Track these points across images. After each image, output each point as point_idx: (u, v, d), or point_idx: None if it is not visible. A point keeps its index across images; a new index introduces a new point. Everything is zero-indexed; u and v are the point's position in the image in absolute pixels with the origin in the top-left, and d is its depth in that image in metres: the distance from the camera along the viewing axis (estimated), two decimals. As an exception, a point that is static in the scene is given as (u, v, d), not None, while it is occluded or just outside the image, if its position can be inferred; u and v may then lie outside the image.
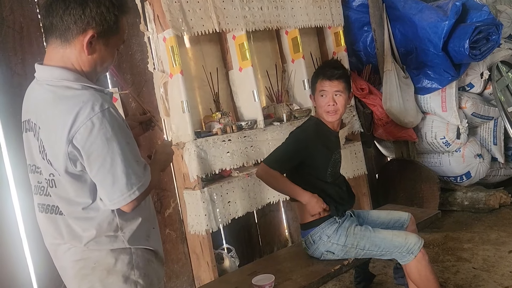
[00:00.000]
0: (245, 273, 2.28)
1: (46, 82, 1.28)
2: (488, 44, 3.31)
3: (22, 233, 2.31)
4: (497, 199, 3.72)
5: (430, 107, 3.73)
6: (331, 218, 2.26)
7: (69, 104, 1.21)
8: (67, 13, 1.22)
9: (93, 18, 1.23)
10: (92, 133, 1.19)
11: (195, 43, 2.94)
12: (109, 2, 1.26)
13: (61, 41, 1.26)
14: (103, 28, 1.26)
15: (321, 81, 2.28)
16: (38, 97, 1.30)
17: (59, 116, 1.21)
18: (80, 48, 1.26)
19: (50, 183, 1.32)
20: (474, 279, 2.65)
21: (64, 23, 1.23)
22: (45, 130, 1.26)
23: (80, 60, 1.28)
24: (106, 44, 1.30)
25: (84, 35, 1.24)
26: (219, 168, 2.64)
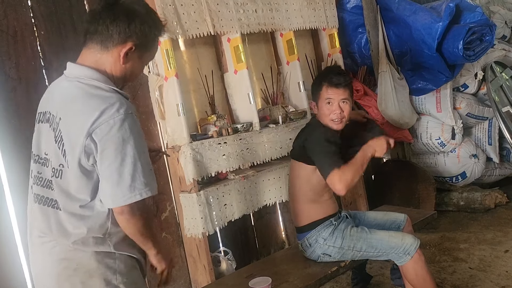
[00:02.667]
0: (242, 276, 2.28)
1: (77, 79, 1.36)
2: (482, 45, 3.33)
3: (17, 238, 2.29)
4: (492, 199, 3.74)
5: (425, 108, 3.74)
6: (327, 221, 2.26)
7: (97, 101, 1.29)
8: (114, 24, 1.34)
9: (135, 32, 1.36)
10: (111, 130, 1.27)
11: (190, 46, 2.94)
12: (152, 22, 1.41)
13: (100, 47, 1.37)
14: (141, 43, 1.39)
15: (326, 88, 2.20)
16: (65, 91, 1.38)
17: (84, 111, 1.29)
18: (117, 57, 1.37)
19: (56, 173, 1.36)
20: (471, 279, 2.66)
21: (109, 32, 1.34)
22: (67, 122, 1.32)
23: (113, 67, 1.39)
24: (139, 58, 1.43)
25: (124, 46, 1.36)
26: (215, 170, 2.63)
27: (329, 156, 2.08)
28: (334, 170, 2.01)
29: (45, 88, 2.38)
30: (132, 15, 1.36)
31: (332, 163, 2.04)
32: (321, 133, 2.16)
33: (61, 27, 2.49)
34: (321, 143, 2.12)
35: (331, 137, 2.14)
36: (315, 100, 2.29)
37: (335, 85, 2.18)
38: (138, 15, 1.37)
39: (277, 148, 2.90)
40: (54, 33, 2.47)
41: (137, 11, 1.38)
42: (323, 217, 2.26)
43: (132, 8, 1.37)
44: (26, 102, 2.36)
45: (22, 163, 2.31)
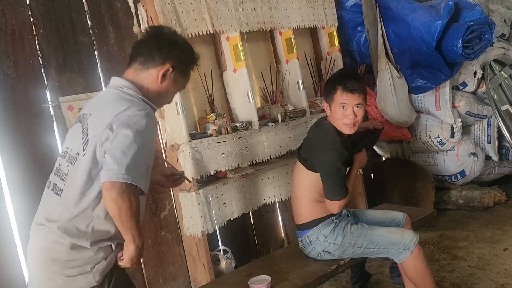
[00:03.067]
0: (242, 275, 2.28)
1: (115, 87, 1.58)
2: (481, 43, 3.33)
3: (16, 238, 2.29)
4: (491, 197, 3.74)
5: (424, 107, 3.74)
6: (328, 218, 2.26)
7: (124, 102, 1.50)
8: (157, 48, 1.57)
9: (174, 57, 1.59)
10: (129, 121, 1.44)
11: (189, 44, 2.93)
12: (189, 52, 1.66)
13: (142, 67, 1.59)
14: (178, 67, 1.61)
15: (341, 92, 2.18)
16: (101, 95, 1.63)
17: (111, 108, 1.48)
18: (155, 76, 1.59)
19: (72, 160, 1.54)
20: (470, 277, 2.66)
21: (151, 54, 1.57)
22: (95, 116, 1.51)
23: (150, 85, 1.60)
24: (175, 81, 1.64)
25: (163, 67, 1.58)
26: (214, 169, 2.63)
27: (337, 184, 2.15)
28: (342, 199, 2.16)
29: (43, 87, 2.41)
30: (174, 43, 1.60)
31: (338, 192, 2.15)
32: (334, 153, 2.13)
33: (59, 25, 2.49)
34: (332, 167, 2.14)
35: (343, 156, 2.13)
36: (328, 102, 2.27)
37: (351, 90, 2.17)
38: (178, 44, 1.62)
39: (276, 147, 2.90)
40: (52, 31, 2.46)
41: (178, 41, 1.64)
42: (324, 215, 2.26)
43: (174, 38, 1.63)
44: (25, 101, 2.36)
45: (20, 162, 2.32)
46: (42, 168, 2.39)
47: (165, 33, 1.63)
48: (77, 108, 2.50)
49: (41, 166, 2.38)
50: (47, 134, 2.43)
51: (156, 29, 1.68)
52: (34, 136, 2.38)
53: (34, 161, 2.36)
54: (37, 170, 2.37)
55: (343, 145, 2.15)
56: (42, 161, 2.39)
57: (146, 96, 1.59)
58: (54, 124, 2.46)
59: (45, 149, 2.41)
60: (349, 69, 2.42)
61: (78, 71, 2.55)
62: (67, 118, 2.47)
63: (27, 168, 2.34)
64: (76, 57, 2.54)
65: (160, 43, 1.58)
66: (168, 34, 1.64)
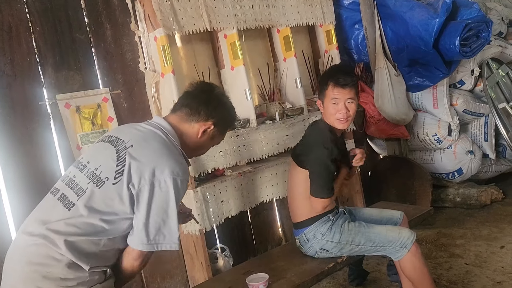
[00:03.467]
0: (239, 272, 2.28)
1: (161, 128, 1.60)
2: (478, 41, 3.33)
3: (13, 235, 2.28)
4: (488, 195, 3.75)
5: (421, 105, 3.75)
6: (324, 216, 2.26)
7: (172, 156, 1.50)
8: (205, 104, 1.63)
9: (218, 116, 1.65)
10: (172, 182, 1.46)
11: (186, 42, 2.93)
12: (232, 114, 1.74)
13: (186, 118, 1.64)
14: (219, 126, 1.67)
15: (333, 88, 2.19)
16: (146, 130, 1.59)
17: (157, 154, 1.49)
18: (196, 130, 1.64)
19: (98, 182, 1.48)
20: (467, 275, 2.67)
21: (198, 108, 1.63)
22: (138, 152, 1.49)
23: (189, 138, 1.65)
24: (212, 138, 1.70)
25: (205, 123, 1.64)
26: (212, 167, 2.63)
27: (324, 181, 2.16)
28: (323, 198, 2.15)
29: (40, 84, 2.41)
30: (221, 102, 1.67)
31: (324, 191, 2.15)
32: (324, 150, 2.14)
33: (56, 23, 2.48)
34: (321, 164, 2.15)
35: (333, 153, 2.14)
36: (321, 98, 2.28)
37: (342, 85, 2.17)
38: (224, 104, 1.69)
39: (274, 145, 2.90)
40: (49, 29, 2.45)
41: (225, 102, 1.71)
42: (321, 213, 2.26)
43: (222, 98, 1.70)
44: (22, 98, 2.35)
45: (17, 159, 2.31)
46: (40, 166, 2.39)
47: (216, 92, 1.70)
48: (74, 106, 2.50)
49: (38, 164, 2.38)
50: (44, 132, 2.42)
51: (207, 86, 1.74)
52: (31, 134, 2.37)
53: (31, 159, 2.36)
54: (34, 168, 2.36)
55: (334, 143, 2.16)
56: (39, 159, 2.39)
57: (183, 146, 1.63)
58: (51, 122, 2.46)
59: (42, 146, 2.40)
60: (340, 64, 2.40)
61: (75, 69, 2.54)
62: (64, 116, 2.47)
63: (24, 166, 2.33)
64: (73, 54, 2.53)
65: (209, 100, 1.64)
66: (218, 94, 1.70)
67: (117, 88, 2.68)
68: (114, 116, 2.64)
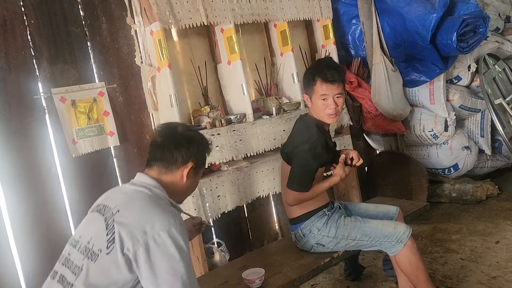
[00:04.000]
0: (235, 267, 2.28)
1: (144, 185, 1.55)
2: (475, 37, 3.33)
3: (8, 232, 2.28)
4: (484, 191, 3.77)
5: (418, 100, 3.75)
6: (320, 211, 2.27)
7: (159, 209, 1.46)
8: (177, 150, 1.58)
9: (194, 153, 1.61)
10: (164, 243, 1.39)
11: (183, 36, 2.91)
12: (204, 142, 1.68)
13: (165, 170, 1.59)
14: (198, 161, 1.64)
15: (321, 84, 2.16)
16: (130, 191, 1.54)
17: (145, 213, 1.43)
18: (180, 176, 1.60)
19: (92, 256, 1.42)
20: (462, 270, 2.68)
21: (174, 157, 1.58)
22: (126, 215, 1.44)
23: (177, 184, 1.61)
24: (197, 174, 1.68)
25: (186, 166, 1.59)
26: (209, 162, 2.62)
27: (301, 175, 2.15)
28: (298, 192, 2.15)
29: (35, 78, 2.39)
30: (190, 140, 1.62)
31: (299, 184, 2.15)
32: (307, 146, 2.14)
33: (51, 16, 2.46)
34: (302, 158, 2.15)
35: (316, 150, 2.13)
36: (309, 94, 2.26)
37: (330, 81, 2.16)
38: (194, 139, 1.64)
39: (270, 140, 2.90)
40: (44, 22, 2.43)
41: (193, 136, 1.66)
42: (315, 208, 2.26)
43: (189, 134, 1.65)
44: (17, 92, 2.33)
45: (12, 154, 2.30)
46: (34, 160, 2.38)
47: (180, 132, 1.64)
48: (70, 100, 2.48)
49: (33, 159, 2.37)
50: (39, 126, 2.41)
51: (169, 129, 1.66)
52: (27, 128, 2.36)
53: (26, 153, 2.34)
54: (30, 162, 2.35)
55: (320, 142, 2.14)
56: (35, 153, 2.38)
57: (172, 194, 1.59)
58: (46, 116, 2.44)
59: (37, 141, 2.39)
60: (327, 59, 2.36)
61: (70, 63, 2.52)
62: (60, 110, 2.45)
63: (18, 160, 2.32)
64: (69, 48, 2.51)
65: (179, 144, 1.59)
66: (183, 132, 1.64)
67: (113, 82, 2.66)
68: (110, 110, 2.63)
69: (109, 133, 2.63)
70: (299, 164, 2.16)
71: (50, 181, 2.43)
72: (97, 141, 2.58)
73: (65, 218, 2.47)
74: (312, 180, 2.17)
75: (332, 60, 2.34)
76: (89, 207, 2.50)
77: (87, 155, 2.53)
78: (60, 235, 2.43)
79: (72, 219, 2.49)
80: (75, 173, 2.51)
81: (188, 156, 1.60)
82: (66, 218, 2.48)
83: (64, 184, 2.48)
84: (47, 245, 2.37)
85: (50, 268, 1.56)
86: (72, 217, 2.49)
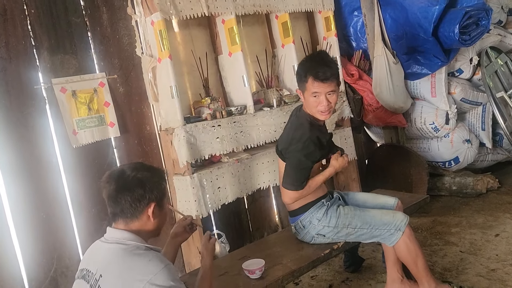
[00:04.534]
0: (236, 258, 2.29)
1: (116, 241, 1.50)
2: (478, 29, 3.31)
3: (9, 219, 2.28)
4: (484, 184, 3.77)
5: (419, 93, 3.74)
6: (319, 202, 2.27)
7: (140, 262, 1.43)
8: (134, 198, 1.50)
9: (152, 193, 1.53)
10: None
11: (183, 27, 2.90)
12: (155, 175, 1.58)
13: (131, 219, 1.53)
14: (158, 197, 1.56)
15: (312, 81, 2.13)
16: (107, 252, 1.50)
17: (127, 271, 1.40)
18: (147, 219, 1.54)
19: None
20: (461, 262, 2.69)
21: (133, 206, 1.51)
22: (109, 280, 1.41)
23: (146, 226, 1.56)
24: (161, 208, 1.60)
25: (148, 207, 1.53)
26: (209, 153, 2.62)
27: (295, 174, 2.15)
28: (294, 190, 2.16)
29: (36, 68, 2.38)
30: (142, 182, 1.52)
31: (293, 183, 2.15)
32: (299, 145, 2.14)
33: (52, 6, 2.44)
34: (295, 158, 2.16)
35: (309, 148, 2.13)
36: (301, 89, 2.23)
37: (322, 79, 2.12)
38: (145, 179, 1.54)
39: (271, 132, 2.89)
40: (45, 12, 2.42)
41: (143, 177, 1.54)
42: (314, 199, 2.27)
43: (138, 177, 1.53)
44: (17, 82, 2.32)
45: (13, 142, 2.30)
46: (35, 150, 2.37)
47: (128, 175, 1.53)
48: (70, 90, 2.47)
49: (33, 149, 2.37)
50: (39, 116, 2.40)
51: (117, 176, 1.54)
52: (27, 118, 2.35)
53: (26, 143, 2.34)
54: (30, 152, 2.35)
55: (313, 141, 2.14)
56: (35, 143, 2.37)
57: (145, 237, 1.56)
58: (46, 106, 2.44)
59: (37, 131, 2.39)
60: (320, 54, 2.28)
61: (71, 53, 2.51)
62: (60, 100, 2.45)
63: (19, 150, 2.32)
64: (69, 38, 2.50)
65: (133, 191, 1.51)
66: (131, 174, 1.54)
67: (114, 73, 2.65)
68: (111, 101, 2.62)
69: (110, 124, 2.62)
70: (292, 164, 2.17)
71: (51, 172, 2.43)
72: (98, 131, 2.57)
73: (65, 208, 2.47)
74: (306, 177, 2.18)
75: (325, 56, 2.25)
76: (89, 197, 2.54)
77: (87, 145, 2.53)
78: (60, 225, 2.43)
79: (72, 209, 2.50)
80: (75, 164, 2.51)
81: (147, 198, 1.52)
82: (67, 208, 2.48)
83: (65, 174, 2.48)
84: (47, 235, 2.38)
85: (50, 258, 1.57)
86: (73, 207, 2.50)
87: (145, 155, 2.78)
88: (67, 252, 2.44)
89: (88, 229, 2.53)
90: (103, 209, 2.58)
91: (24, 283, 2.31)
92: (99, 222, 2.56)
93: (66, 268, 2.43)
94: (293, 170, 2.17)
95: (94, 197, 2.55)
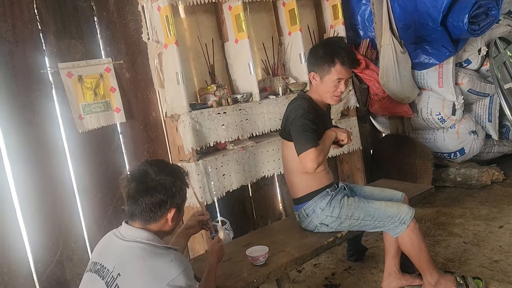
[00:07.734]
0: (239, 245, 2.30)
1: (134, 240, 1.50)
2: (487, 19, 3.27)
3: (15, 201, 2.30)
4: (489, 176, 3.75)
5: (426, 83, 3.71)
6: (323, 191, 2.27)
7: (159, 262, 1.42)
8: (155, 203, 1.50)
9: (173, 197, 1.53)
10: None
11: (190, 13, 2.88)
12: (177, 179, 1.57)
13: (150, 221, 1.53)
14: (179, 202, 1.57)
15: (341, 66, 2.13)
16: (125, 250, 1.48)
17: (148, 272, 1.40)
18: (165, 222, 1.56)
19: None
20: (464, 253, 2.69)
21: (153, 210, 1.51)
22: (128, 280, 1.40)
23: (164, 228, 1.57)
24: (180, 211, 1.61)
25: (169, 212, 1.54)
26: (214, 140, 2.62)
27: (305, 136, 2.09)
28: (311, 149, 2.05)
29: (42, 52, 2.38)
30: (165, 188, 1.52)
31: (309, 141, 2.07)
32: (300, 110, 2.13)
33: (58, -11, 2.43)
34: (298, 123, 2.12)
35: (309, 115, 2.12)
36: (320, 73, 2.20)
37: (350, 65, 2.16)
38: (168, 185, 1.53)
39: (276, 120, 2.89)
40: (51, -5, 2.41)
41: (165, 183, 1.53)
42: (319, 187, 2.26)
43: (161, 182, 1.52)
44: (24, 66, 2.33)
45: (19, 127, 2.31)
46: (41, 134, 2.39)
47: (152, 178, 1.52)
48: (76, 75, 2.48)
49: (40, 133, 2.38)
50: (46, 100, 2.41)
51: (140, 178, 1.52)
52: (34, 103, 2.36)
53: (33, 127, 2.35)
54: (36, 137, 2.36)
55: (310, 109, 2.14)
56: (41, 127, 2.39)
57: (161, 236, 1.57)
58: (53, 91, 2.44)
59: (44, 116, 2.40)
60: (342, 41, 2.29)
61: (77, 37, 2.51)
62: (66, 85, 2.45)
63: (26, 134, 2.33)
64: (75, 22, 2.50)
65: (156, 196, 1.50)
66: (154, 178, 1.52)
67: (120, 58, 2.65)
68: (117, 86, 2.62)
69: (116, 110, 2.63)
70: (299, 129, 2.12)
71: (57, 156, 2.44)
72: (104, 117, 2.58)
73: (71, 193, 2.49)
74: (316, 139, 2.11)
75: (346, 42, 2.33)
76: (95, 182, 2.55)
77: (93, 131, 2.54)
78: (66, 209, 2.46)
79: (78, 194, 2.51)
80: (81, 149, 2.52)
81: (168, 204, 1.53)
82: (72, 193, 2.50)
83: (71, 159, 2.50)
84: (53, 219, 2.40)
85: (56, 242, 1.57)
86: (78, 191, 2.52)
87: (150, 141, 2.79)
88: (72, 236, 2.46)
89: (94, 213, 2.55)
90: (108, 193, 2.60)
91: (30, 266, 2.34)
92: (105, 207, 2.58)
93: (72, 251, 2.45)
94: (302, 134, 2.11)
95: (99, 182, 2.56)
